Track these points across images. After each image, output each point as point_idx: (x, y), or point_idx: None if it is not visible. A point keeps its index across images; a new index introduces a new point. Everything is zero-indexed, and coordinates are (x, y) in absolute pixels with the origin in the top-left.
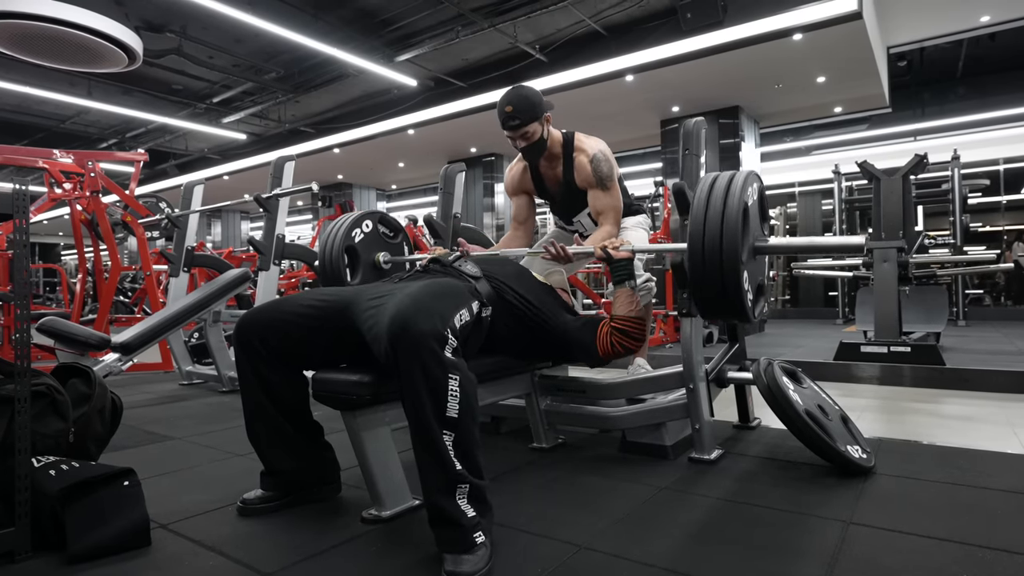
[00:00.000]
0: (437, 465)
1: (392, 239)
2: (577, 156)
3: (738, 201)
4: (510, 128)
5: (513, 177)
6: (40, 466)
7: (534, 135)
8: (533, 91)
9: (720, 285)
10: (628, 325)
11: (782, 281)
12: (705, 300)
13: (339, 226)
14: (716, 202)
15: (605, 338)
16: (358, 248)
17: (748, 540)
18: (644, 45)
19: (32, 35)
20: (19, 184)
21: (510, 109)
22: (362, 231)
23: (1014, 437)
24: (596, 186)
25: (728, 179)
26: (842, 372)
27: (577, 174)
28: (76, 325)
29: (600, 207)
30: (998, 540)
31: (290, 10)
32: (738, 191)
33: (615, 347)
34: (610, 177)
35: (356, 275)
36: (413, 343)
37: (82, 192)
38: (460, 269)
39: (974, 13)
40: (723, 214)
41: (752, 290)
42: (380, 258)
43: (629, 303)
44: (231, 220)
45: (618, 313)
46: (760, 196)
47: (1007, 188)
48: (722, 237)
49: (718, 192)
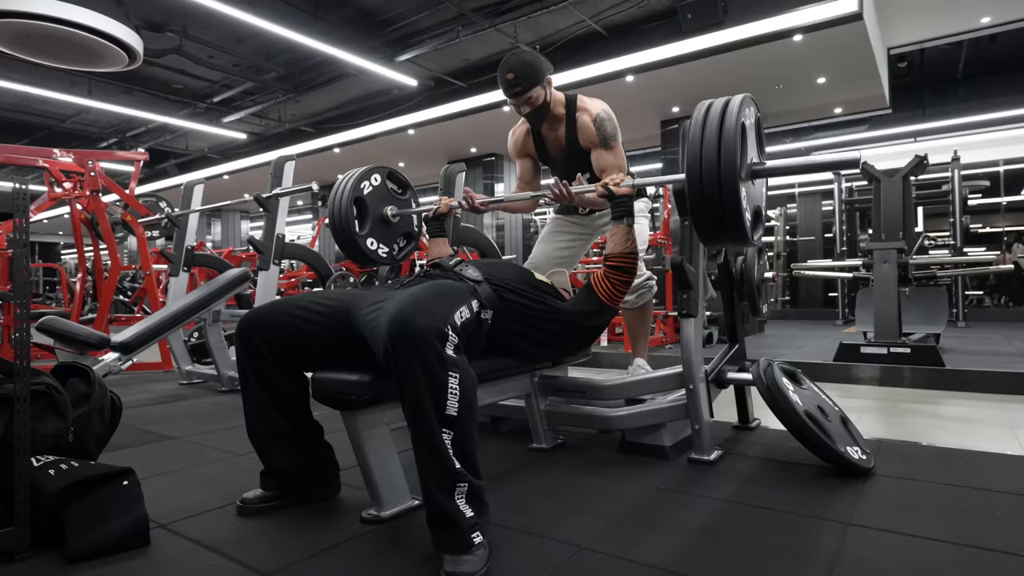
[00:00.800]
0: (436, 464)
1: (400, 195)
2: (580, 115)
3: (735, 121)
4: (513, 95)
5: (516, 140)
6: (39, 465)
7: (537, 100)
8: (533, 55)
9: (719, 205)
10: (621, 260)
11: (782, 282)
12: (705, 221)
13: (348, 179)
14: (713, 122)
15: (602, 282)
16: (367, 200)
17: (748, 541)
18: (644, 45)
19: (33, 34)
20: (19, 183)
21: (511, 76)
22: (371, 184)
23: (1014, 439)
24: (600, 145)
25: (724, 101)
26: (842, 373)
27: (580, 133)
28: (76, 324)
29: (604, 165)
30: (998, 542)
31: (290, 10)
32: (735, 111)
33: (614, 284)
34: (614, 136)
35: (365, 226)
36: (413, 340)
37: (82, 191)
38: (461, 273)
39: (975, 14)
40: (720, 134)
41: (751, 212)
42: (388, 211)
43: (625, 240)
44: (231, 220)
45: (612, 251)
46: (757, 121)
47: (1007, 189)
48: (720, 156)
49: (714, 113)
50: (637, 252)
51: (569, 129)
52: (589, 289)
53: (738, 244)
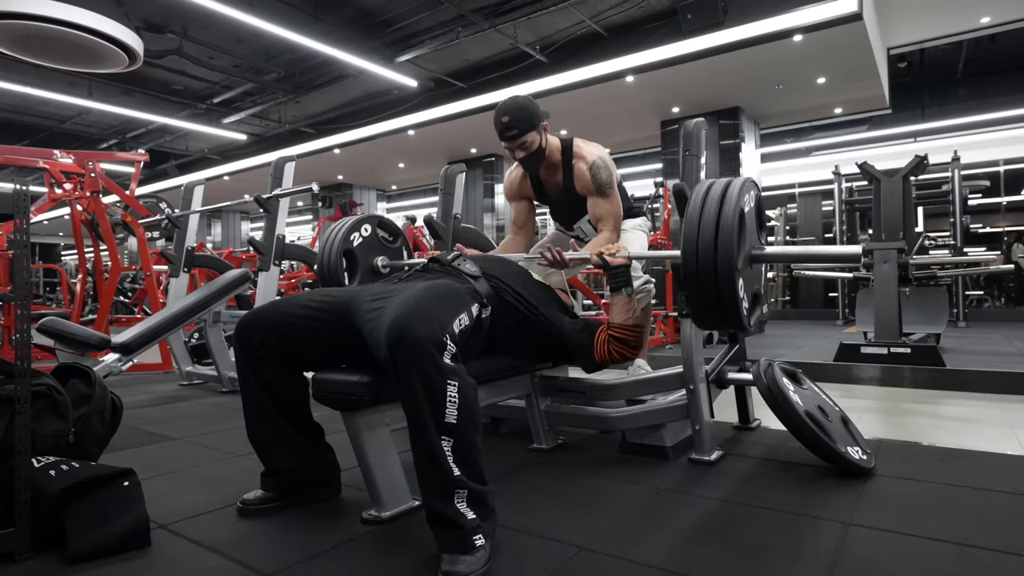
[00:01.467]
0: (434, 470)
1: (391, 243)
2: (576, 163)
3: (734, 208)
4: (507, 139)
5: (512, 182)
6: (40, 466)
7: (532, 144)
8: (529, 100)
9: (715, 294)
10: (625, 333)
11: (782, 282)
12: (700, 309)
13: (337, 230)
14: (711, 208)
15: (603, 346)
16: (356, 252)
17: (748, 541)
18: (644, 46)
19: (33, 35)
20: (19, 184)
21: (507, 119)
22: (360, 235)
23: (1014, 438)
24: (595, 193)
25: (724, 185)
26: (842, 373)
27: (577, 181)
28: (76, 325)
29: (600, 213)
30: (999, 542)
31: (290, 10)
32: (734, 197)
33: (612, 355)
34: (609, 184)
35: (354, 279)
36: (411, 350)
37: (82, 192)
38: (459, 268)
39: (974, 14)
40: (718, 221)
41: (748, 299)
42: (379, 262)
43: (626, 311)
44: (231, 220)
45: (615, 321)
46: (757, 204)
47: (1007, 189)
48: (716, 245)
49: (713, 198)
50: (643, 325)
51: (566, 175)
52: (591, 336)
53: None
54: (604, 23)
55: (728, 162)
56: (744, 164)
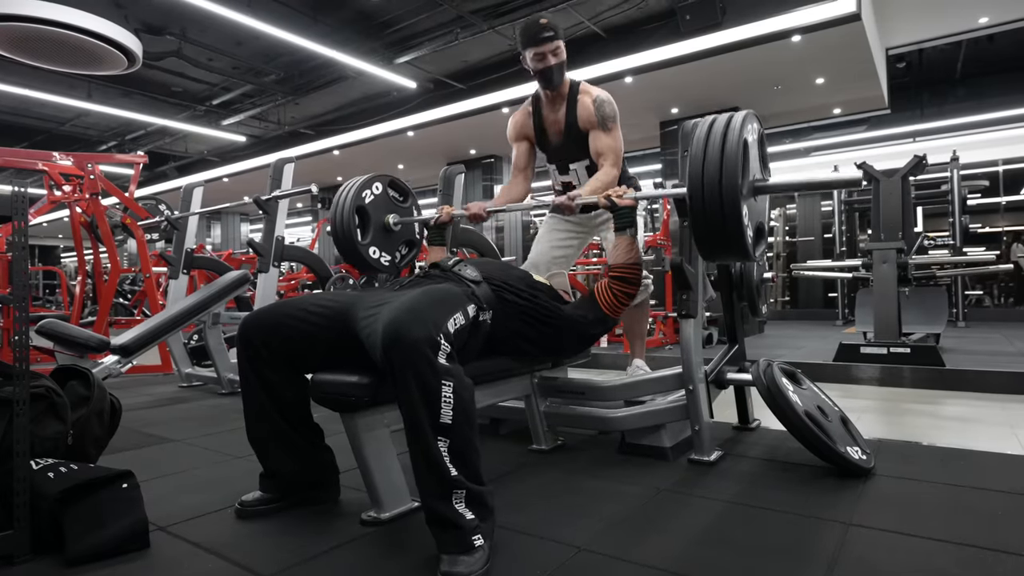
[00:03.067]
0: (431, 471)
1: (402, 203)
2: (582, 97)
3: (737, 138)
4: (543, 40)
5: (516, 122)
6: (39, 468)
7: (562, 53)
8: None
9: (720, 221)
10: (625, 271)
11: (782, 282)
12: (706, 237)
13: (350, 188)
14: (715, 139)
15: (605, 292)
16: (368, 209)
17: (748, 542)
18: (643, 47)
19: (32, 38)
20: (18, 186)
21: (545, 21)
22: (372, 192)
23: (1014, 438)
24: (598, 126)
25: (727, 118)
26: (842, 373)
27: (580, 113)
28: (75, 327)
29: (601, 147)
30: (999, 541)
31: (289, 12)
32: (737, 127)
33: (617, 296)
34: (612, 119)
35: (367, 235)
36: (406, 350)
37: (82, 194)
38: (460, 274)
39: (973, 14)
40: (722, 150)
41: (752, 228)
42: (390, 220)
43: (628, 250)
44: (231, 222)
45: (616, 261)
46: (759, 137)
47: (1006, 189)
48: (721, 172)
49: (717, 130)
50: (640, 263)
51: (570, 109)
52: (592, 297)
53: (740, 260)
54: (603, 24)
55: None
56: None
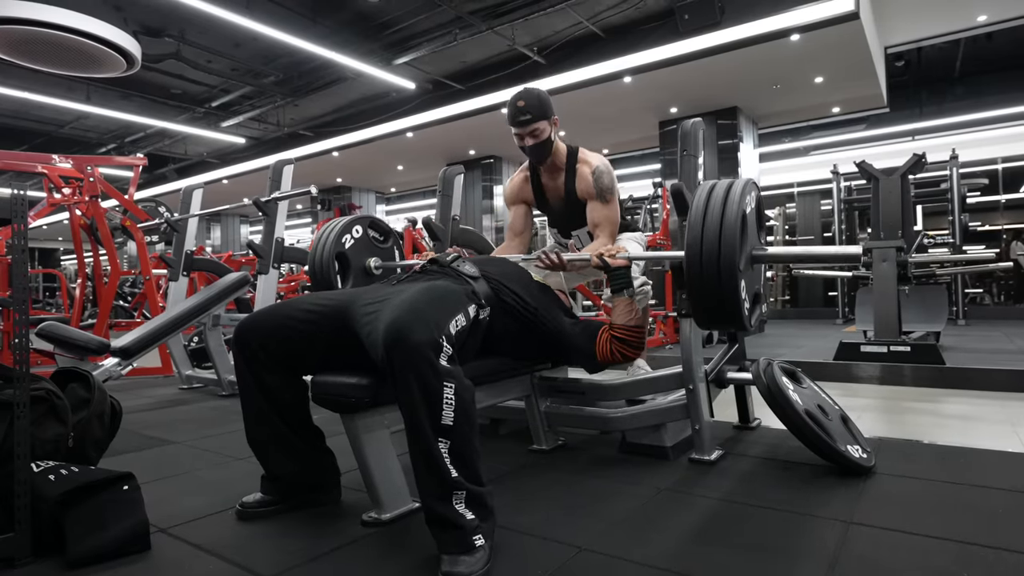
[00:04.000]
0: (432, 472)
1: (382, 243)
2: (580, 167)
3: (736, 209)
4: (520, 124)
5: (513, 187)
6: (39, 471)
7: (542, 133)
8: (544, 92)
9: (718, 294)
10: (627, 334)
11: (781, 281)
12: (702, 309)
13: (329, 232)
14: (714, 210)
15: (604, 345)
16: (348, 254)
17: (749, 541)
18: (642, 47)
19: (31, 40)
20: (18, 189)
21: (522, 104)
22: (352, 237)
23: (1014, 436)
24: (596, 197)
25: (726, 187)
26: (842, 372)
27: (579, 183)
28: (75, 330)
29: (597, 219)
30: (999, 539)
31: (288, 14)
32: (736, 199)
33: (614, 355)
34: (610, 191)
35: (347, 281)
36: (408, 353)
37: (81, 197)
38: (458, 270)
39: (971, 13)
40: (721, 223)
41: (749, 299)
42: (371, 263)
43: (628, 312)
44: (230, 224)
45: (617, 322)
46: (758, 204)
47: (1005, 187)
48: (720, 246)
49: (716, 200)
50: (643, 326)
51: (568, 178)
52: (591, 337)
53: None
54: (601, 24)
55: (726, 162)
56: (742, 164)
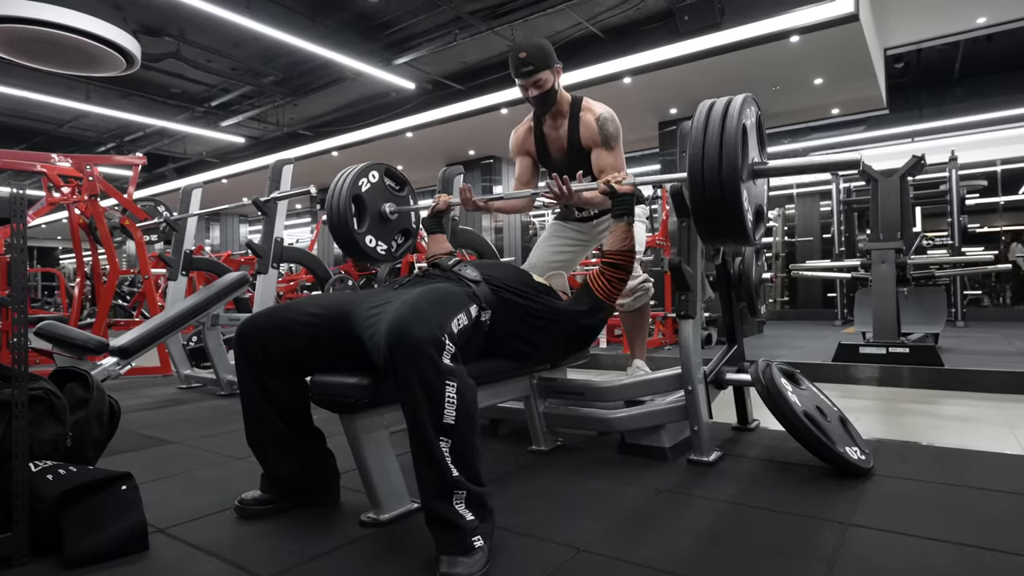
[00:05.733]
0: (433, 471)
1: (398, 192)
2: (584, 114)
3: (736, 122)
4: (523, 75)
5: (517, 138)
6: (38, 471)
7: (546, 83)
8: (545, 41)
9: (720, 204)
10: (619, 258)
11: (780, 282)
12: (706, 220)
13: (346, 176)
14: (714, 124)
15: (597, 278)
16: (365, 197)
17: (747, 542)
18: (642, 47)
19: (30, 39)
20: (17, 188)
21: (524, 55)
22: (369, 181)
23: (1013, 438)
24: (601, 144)
25: (725, 102)
26: (840, 373)
27: (583, 131)
28: (74, 329)
29: (603, 165)
30: (997, 541)
31: (288, 14)
32: (736, 112)
33: (610, 280)
34: (615, 138)
35: (363, 223)
36: (411, 350)
37: (80, 196)
38: (459, 273)
39: (971, 15)
40: (722, 134)
41: (752, 212)
42: (386, 208)
43: (624, 237)
44: (229, 223)
45: (610, 248)
46: (758, 120)
47: (1005, 189)
48: (721, 156)
49: (716, 114)
50: (635, 250)
51: (572, 127)
52: (586, 286)
53: (740, 243)
54: (601, 25)
55: None
56: None
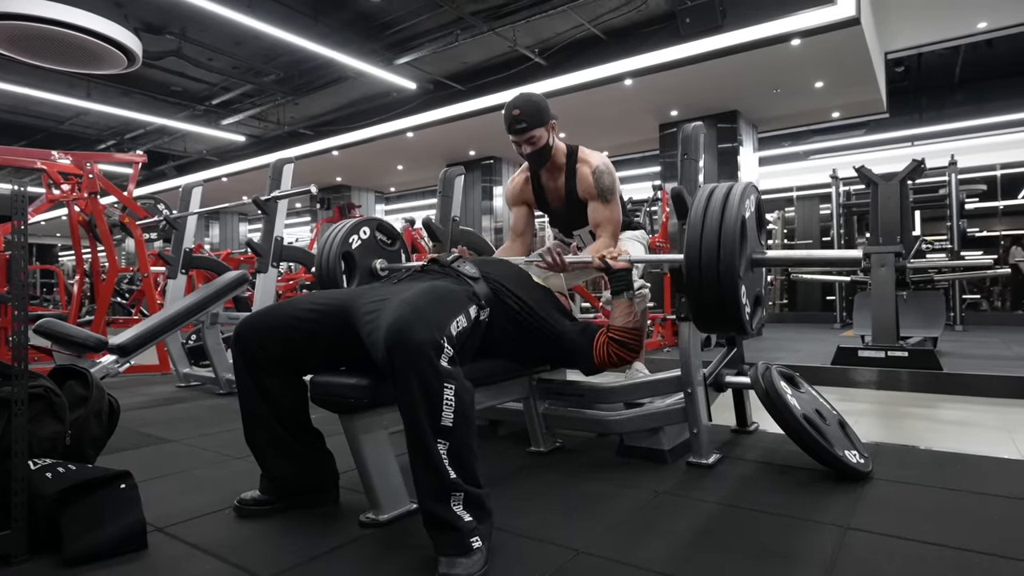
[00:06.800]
0: (430, 473)
1: (389, 246)
2: (580, 167)
3: (736, 213)
4: (516, 132)
5: (514, 188)
6: (36, 468)
7: (540, 140)
8: (540, 97)
9: (718, 298)
10: (625, 336)
11: (780, 285)
12: (703, 313)
13: (336, 233)
14: (713, 214)
15: (602, 348)
16: (355, 255)
17: (746, 545)
18: (643, 49)
19: (31, 36)
20: (17, 185)
21: (517, 112)
22: (359, 238)
23: (1011, 442)
24: (597, 198)
25: (726, 191)
26: (840, 377)
27: (579, 184)
28: (73, 327)
29: (599, 219)
30: (995, 546)
31: (290, 12)
32: (736, 203)
33: (611, 357)
34: (611, 191)
35: (353, 282)
36: (409, 352)
37: (80, 193)
38: (459, 270)
39: (971, 19)
40: (720, 227)
41: (750, 303)
42: (377, 265)
43: (627, 314)
44: (229, 222)
45: (616, 324)
46: (757, 208)
47: (1004, 193)
48: (719, 250)
49: (715, 204)
50: (641, 328)
51: (569, 178)
52: (589, 340)
53: (735, 333)
54: (603, 26)
55: (726, 166)
56: (742, 168)
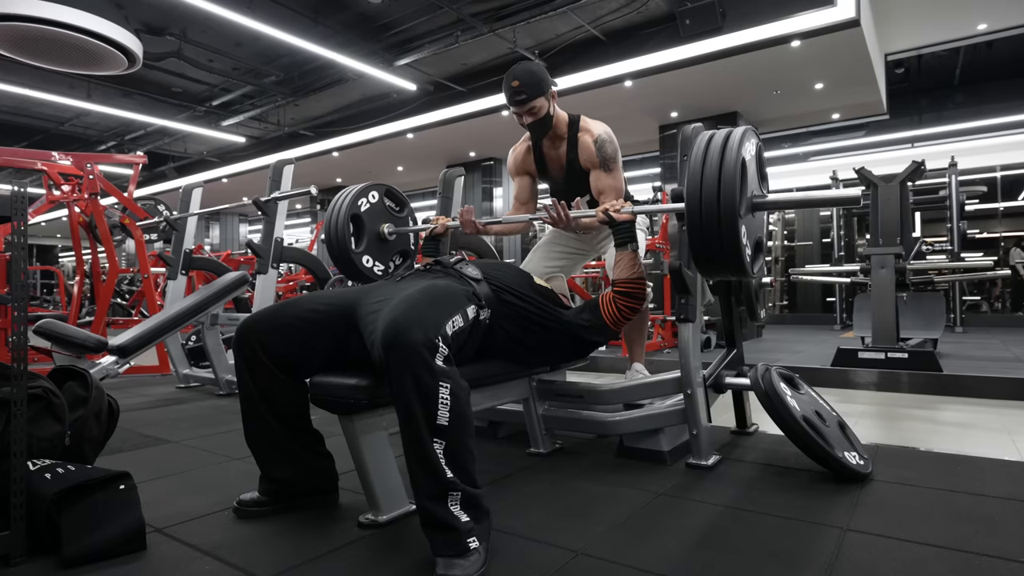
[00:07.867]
0: (427, 473)
1: (398, 212)
2: (582, 136)
3: (736, 155)
4: (516, 103)
5: (516, 157)
6: (36, 469)
7: (540, 110)
8: (539, 66)
9: (718, 240)
10: (630, 287)
11: (780, 287)
12: (704, 255)
13: (345, 195)
14: (713, 157)
15: (610, 305)
16: (364, 217)
17: (745, 546)
18: (643, 51)
19: (32, 37)
20: (17, 186)
21: (517, 84)
22: (368, 201)
23: (1011, 444)
24: (599, 166)
25: (725, 135)
26: (839, 378)
27: (581, 153)
28: (73, 327)
29: (602, 187)
30: (995, 547)
31: (290, 14)
32: (735, 146)
33: (621, 311)
34: (613, 159)
35: (361, 243)
36: (405, 352)
37: (80, 194)
38: (461, 271)
39: (971, 21)
40: (720, 168)
41: (751, 246)
42: (385, 229)
43: (631, 266)
44: (229, 223)
45: (620, 276)
46: (758, 153)
47: (1004, 195)
48: (719, 191)
49: (715, 147)
50: (644, 277)
51: (570, 147)
52: (595, 307)
53: (738, 277)
54: (603, 28)
55: None
56: None
